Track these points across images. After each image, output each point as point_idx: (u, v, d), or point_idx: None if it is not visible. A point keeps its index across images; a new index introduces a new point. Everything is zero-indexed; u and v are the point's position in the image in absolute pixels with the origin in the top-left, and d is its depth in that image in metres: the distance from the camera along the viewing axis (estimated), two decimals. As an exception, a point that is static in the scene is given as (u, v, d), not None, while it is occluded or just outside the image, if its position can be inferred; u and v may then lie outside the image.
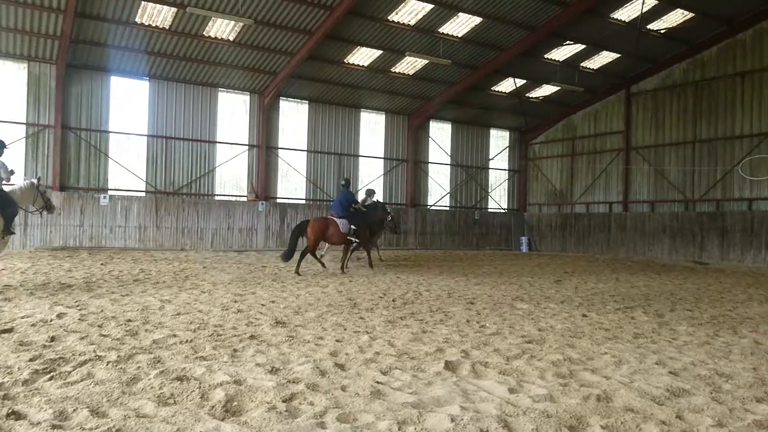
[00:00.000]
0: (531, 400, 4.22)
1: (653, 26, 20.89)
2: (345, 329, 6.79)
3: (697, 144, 22.63)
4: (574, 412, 3.95)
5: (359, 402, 4.09)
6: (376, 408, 3.97)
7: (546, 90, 25.33)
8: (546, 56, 22.44)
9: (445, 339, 6.37)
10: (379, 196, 25.69)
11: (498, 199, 29.45)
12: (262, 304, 8.52)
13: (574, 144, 27.45)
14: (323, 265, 14.36)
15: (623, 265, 19.61)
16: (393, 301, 9.29)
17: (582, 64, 23.33)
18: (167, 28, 18.00)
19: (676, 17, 20.54)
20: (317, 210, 23.84)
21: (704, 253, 21.94)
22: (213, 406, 3.90)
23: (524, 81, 24.23)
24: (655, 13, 20.10)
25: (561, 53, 22.38)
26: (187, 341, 5.83)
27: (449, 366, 5.12)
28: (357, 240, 14.17)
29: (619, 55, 22.70)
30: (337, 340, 6.13)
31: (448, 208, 27.64)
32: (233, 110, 22.35)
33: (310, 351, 5.62)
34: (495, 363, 5.32)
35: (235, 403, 4.02)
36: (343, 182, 15.08)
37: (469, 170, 28.23)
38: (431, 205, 27.19)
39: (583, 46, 21.86)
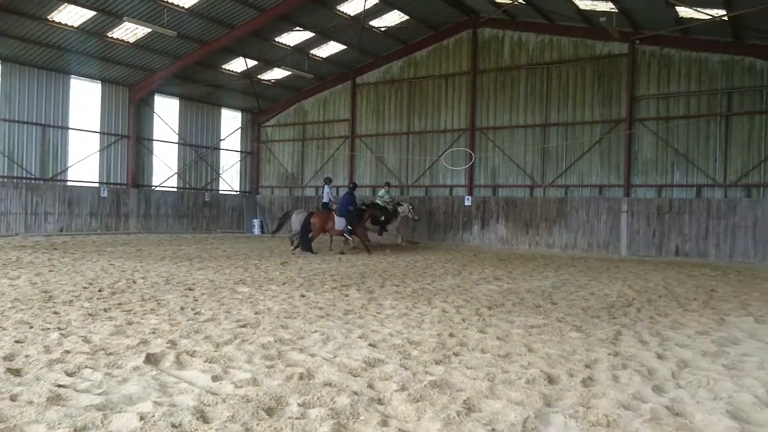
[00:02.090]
0: (234, 386, 4.14)
1: (375, 23, 22.48)
2: (31, 327, 5.88)
3: (411, 135, 25.15)
4: (275, 393, 3.98)
5: (30, 412, 3.52)
6: (52, 416, 3.47)
7: (277, 73, 25.53)
8: (277, 40, 22.57)
9: (152, 330, 5.94)
10: (95, 175, 23.19)
11: (230, 180, 28.90)
12: None
13: (305, 129, 28.27)
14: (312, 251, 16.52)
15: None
16: (99, 291, 8.39)
17: (312, 52, 24.04)
18: None
19: (394, 18, 22.42)
20: (14, 189, 20.46)
21: (415, 233, 24.56)
22: None
23: (256, 62, 24.04)
24: (376, 12, 21.63)
25: (291, 38, 22.73)
26: None
27: (151, 359, 4.76)
28: (350, 236, 17.31)
29: (345, 47, 23.93)
30: (17, 341, 5.26)
31: (175, 189, 26.18)
32: None
33: (-23, 357, 4.71)
34: (203, 351, 5.11)
35: None
36: (351, 186, 18.03)
37: (199, 150, 27.11)
38: (156, 186, 25.45)
39: (313, 34, 22.51)
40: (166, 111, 25.70)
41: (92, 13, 18.47)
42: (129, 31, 20.14)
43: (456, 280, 11.26)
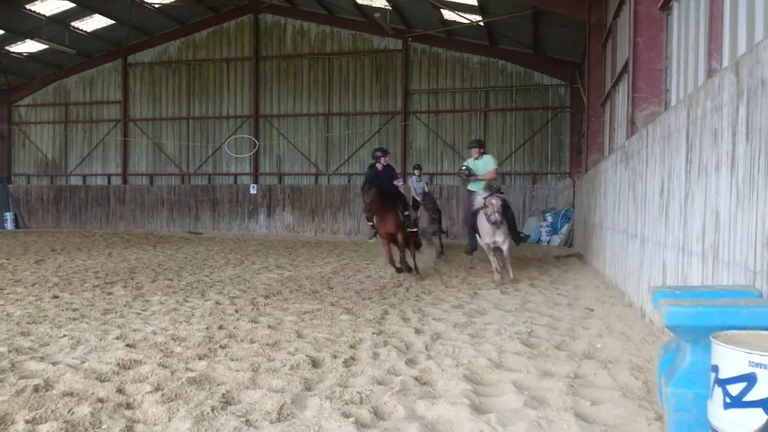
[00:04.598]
0: (-58, 411, 3.49)
1: (148, -1, 20.88)
2: None
3: (191, 121, 23.93)
4: (-2, 412, 3.45)
5: None
6: None
7: (31, 46, 22.37)
8: (28, 7, 19.71)
9: None
10: None
11: (-28, 168, 24.76)
12: None
13: (68, 110, 25.27)
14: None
15: (121, 239, 19.25)
16: None
17: (73, 24, 21.48)
18: None
19: (169, -6, 21.05)
20: None
21: (199, 224, 23.54)
22: None
23: (2, 32, 20.78)
24: (148, -14, 20.09)
25: (47, 7, 20.00)
26: None
27: None
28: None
29: (114, 22, 21.80)
30: None
31: None
32: None
33: None
34: None
35: None
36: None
37: (-72, 131, 22.73)
38: None
39: (73, 5, 20.09)
40: None
41: None
42: None
43: (236, 271, 11.00)
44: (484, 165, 10.21)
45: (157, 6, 21.43)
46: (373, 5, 19.27)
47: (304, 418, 3.45)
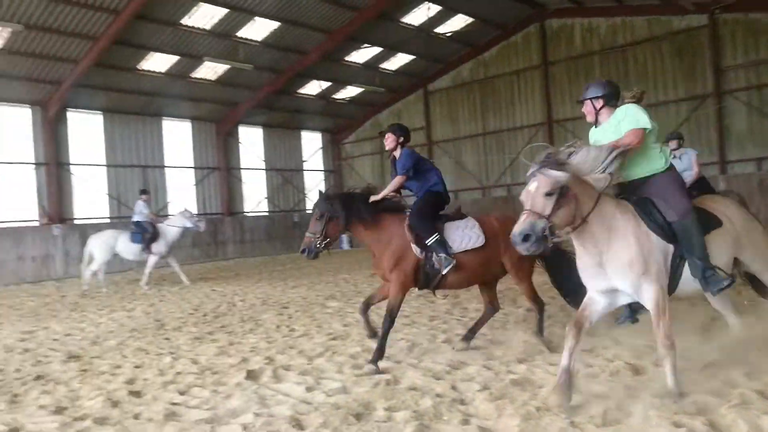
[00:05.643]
0: (325, 395, 4.45)
1: (440, 30, 22.65)
2: (147, 353, 6.50)
3: (487, 136, 25.02)
4: (363, 400, 4.25)
5: (151, 428, 3.99)
6: (169, 430, 3.91)
7: (351, 91, 26.23)
8: (346, 59, 23.23)
9: (252, 348, 6.40)
10: (193, 207, 24.61)
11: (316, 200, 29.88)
12: (55, 339, 7.80)
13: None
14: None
15: (434, 252, 21.04)
16: (204, 315, 9.06)
17: (381, 66, 24.54)
18: None
19: (459, 22, 22.49)
20: (124, 228, 22.21)
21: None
22: (-22, 463, 3.55)
23: (329, 83, 24.86)
24: (440, 19, 21.81)
25: (360, 56, 23.32)
26: (-47, 394, 5.18)
27: (251, 375, 5.18)
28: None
29: (413, 57, 24.24)
30: (136, 366, 5.86)
31: (266, 214, 27.43)
32: (13, 126, 19.92)
33: (105, 383, 5.31)
34: (297, 365, 5.48)
35: (8, 454, 3.69)
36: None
37: (285, 174, 28.26)
38: (249, 212, 26.78)
39: (380, 49, 22.99)
40: (251, 140, 27.02)
41: (176, 57, 19.88)
42: (210, 70, 21.47)
43: (544, 278, 11.12)
44: (618, 124, 4.42)
45: (449, 35, 23.11)
46: (669, -17, 17.65)
47: (630, 425, 3.44)
